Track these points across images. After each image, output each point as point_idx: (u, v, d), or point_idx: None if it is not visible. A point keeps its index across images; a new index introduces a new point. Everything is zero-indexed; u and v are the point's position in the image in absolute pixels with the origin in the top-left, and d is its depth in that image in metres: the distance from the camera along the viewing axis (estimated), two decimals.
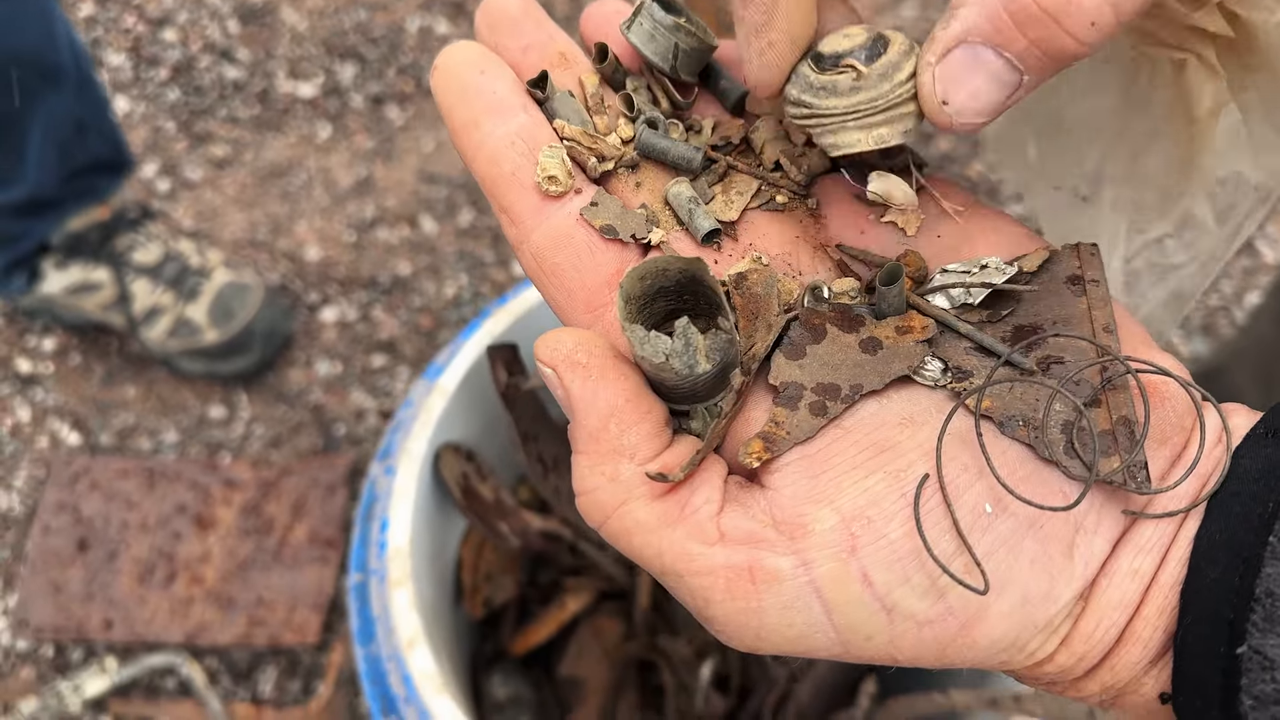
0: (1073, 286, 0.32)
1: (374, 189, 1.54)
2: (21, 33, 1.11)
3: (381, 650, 0.63)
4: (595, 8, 0.40)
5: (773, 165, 0.37)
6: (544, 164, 0.34)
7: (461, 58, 0.37)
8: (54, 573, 1.26)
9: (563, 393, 0.31)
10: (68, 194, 1.26)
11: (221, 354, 1.33)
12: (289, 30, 1.68)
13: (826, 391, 0.31)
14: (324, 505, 1.28)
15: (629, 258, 0.35)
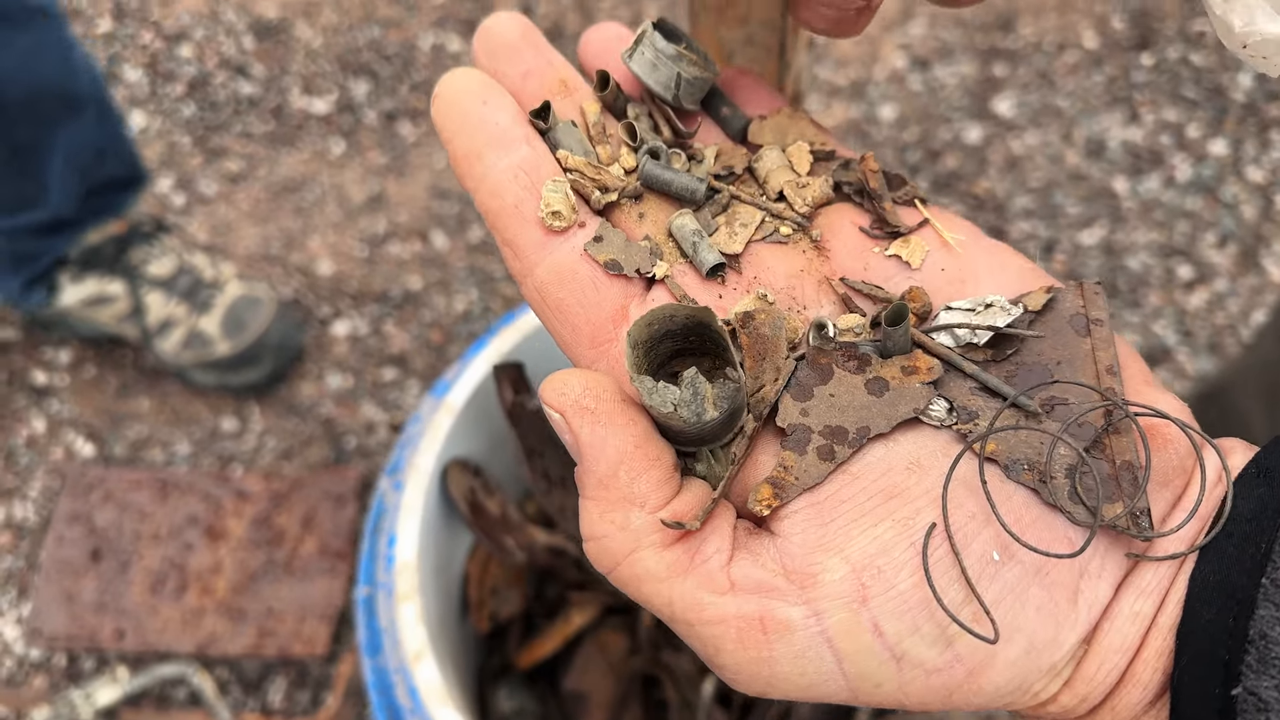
0: (1076, 326, 0.32)
1: (386, 204, 1.56)
2: (42, 66, 1.14)
3: (389, 662, 0.64)
4: (594, 33, 0.40)
5: (776, 195, 0.37)
6: (547, 198, 0.34)
7: (463, 86, 0.36)
8: (67, 582, 1.27)
9: (571, 438, 0.31)
10: (86, 213, 1.29)
11: (233, 366, 1.35)
12: (303, 47, 1.70)
13: (834, 435, 0.31)
14: (334, 517, 1.30)
15: (633, 292, 0.34)
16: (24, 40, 1.10)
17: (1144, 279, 1.50)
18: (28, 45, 1.11)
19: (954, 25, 1.72)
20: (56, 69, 1.15)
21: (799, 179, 0.37)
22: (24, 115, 1.15)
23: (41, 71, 1.14)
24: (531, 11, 1.74)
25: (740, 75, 0.41)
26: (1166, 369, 1.44)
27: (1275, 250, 1.53)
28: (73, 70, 1.17)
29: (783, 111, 0.39)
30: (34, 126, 1.17)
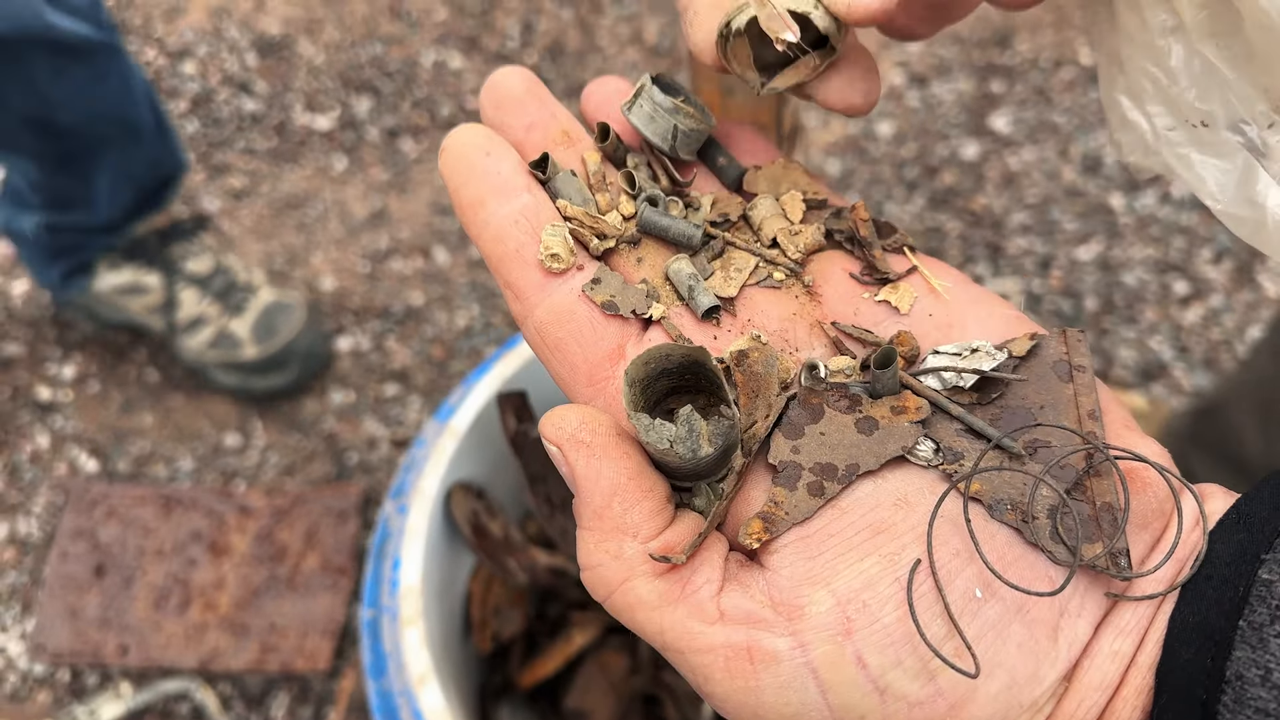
0: (1060, 372, 0.33)
1: (388, 220, 1.57)
2: (102, 96, 1.15)
3: (393, 685, 0.65)
4: (596, 86, 0.42)
5: (770, 242, 0.38)
6: (547, 242, 0.36)
7: (468, 140, 0.38)
8: (71, 598, 1.28)
9: (568, 470, 0.32)
10: (134, 214, 1.31)
11: (259, 370, 1.37)
12: (306, 64, 1.71)
13: (824, 471, 0.32)
14: (336, 533, 1.31)
15: (630, 333, 0.36)
16: (81, 73, 1.12)
17: (1140, 294, 1.51)
18: (86, 77, 1.12)
19: (951, 42, 1.73)
20: (115, 100, 1.17)
21: (792, 226, 0.38)
22: (76, 135, 1.17)
23: (100, 102, 1.16)
24: (533, 29, 1.75)
25: (736, 126, 0.43)
26: (1162, 384, 1.45)
27: (1270, 266, 1.54)
28: (133, 100, 1.19)
29: (777, 162, 0.40)
30: (87, 145, 1.19)
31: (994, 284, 1.51)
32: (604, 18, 1.77)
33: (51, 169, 1.21)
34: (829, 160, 1.62)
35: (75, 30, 1.08)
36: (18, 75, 1.09)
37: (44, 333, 1.48)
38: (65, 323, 1.49)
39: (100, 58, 1.13)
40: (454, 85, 1.70)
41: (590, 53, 1.73)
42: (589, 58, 1.73)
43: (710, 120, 0.40)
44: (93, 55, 1.12)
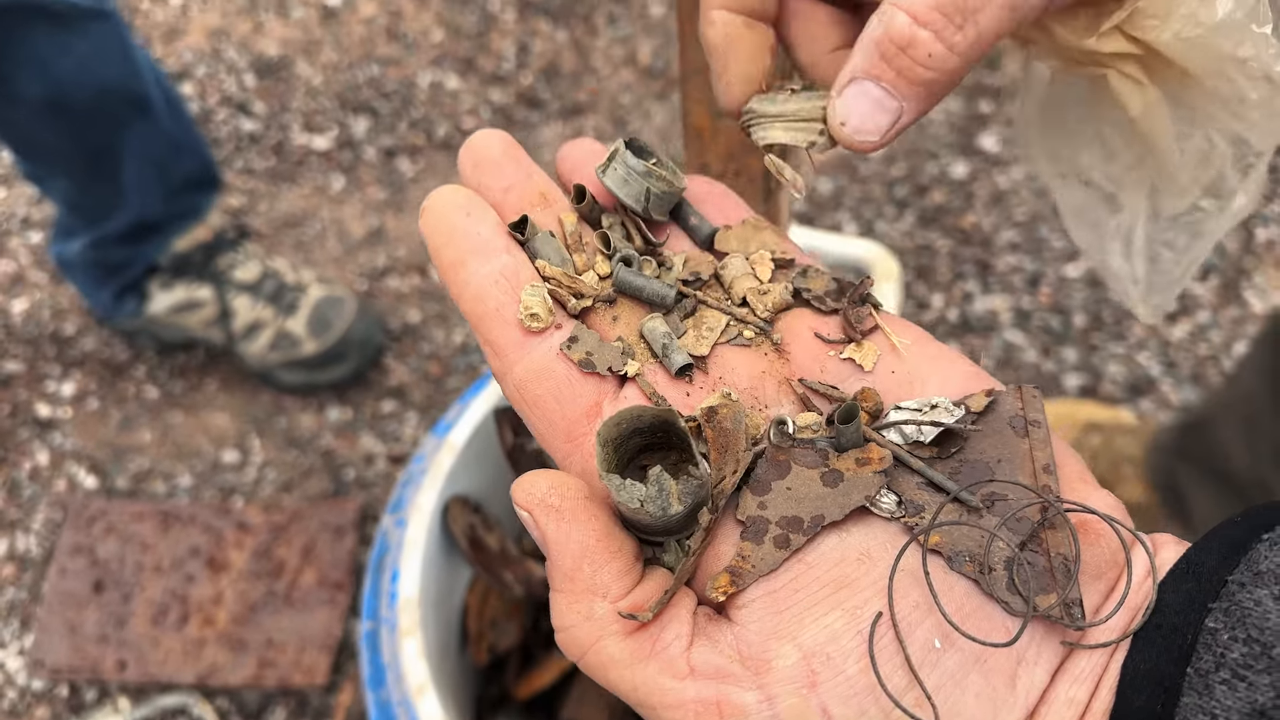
0: (1015, 427, 0.35)
1: (385, 239, 1.58)
2: (104, 68, 1.17)
3: (392, 696, 0.66)
4: (570, 149, 0.43)
5: (740, 300, 0.40)
6: (526, 302, 0.37)
7: (449, 200, 0.39)
8: (70, 614, 1.29)
9: (539, 534, 0.33)
10: (170, 215, 1.33)
11: (320, 364, 1.40)
12: (304, 84, 1.73)
13: (790, 524, 0.33)
14: (333, 549, 1.32)
15: (607, 390, 0.37)
16: (82, 45, 1.14)
17: (1128, 311, 1.53)
18: (87, 49, 1.15)
19: None
20: (119, 70, 1.18)
21: (761, 286, 0.40)
22: (94, 119, 1.19)
23: (105, 73, 1.17)
24: (528, 51, 1.77)
25: (707, 186, 0.44)
26: (1151, 399, 1.46)
27: (1256, 283, 1.56)
28: (136, 70, 1.21)
29: (746, 222, 0.42)
30: (105, 129, 1.21)
31: (984, 301, 1.54)
32: (598, 39, 1.79)
33: (81, 175, 1.23)
34: (820, 179, 1.64)
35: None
36: (22, 54, 1.11)
37: (43, 350, 1.50)
38: (65, 339, 1.50)
39: (97, 27, 1.15)
40: (450, 106, 1.72)
41: (585, 74, 1.76)
42: (584, 79, 1.75)
43: (681, 182, 0.42)
44: (90, 25, 1.14)
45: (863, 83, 0.36)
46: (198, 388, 1.46)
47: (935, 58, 0.35)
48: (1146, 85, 0.39)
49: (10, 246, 1.58)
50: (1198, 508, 1.24)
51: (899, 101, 0.36)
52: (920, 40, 0.34)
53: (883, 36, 0.35)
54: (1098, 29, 0.38)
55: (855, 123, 0.36)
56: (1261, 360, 1.15)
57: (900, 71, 0.35)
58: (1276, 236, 1.59)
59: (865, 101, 0.36)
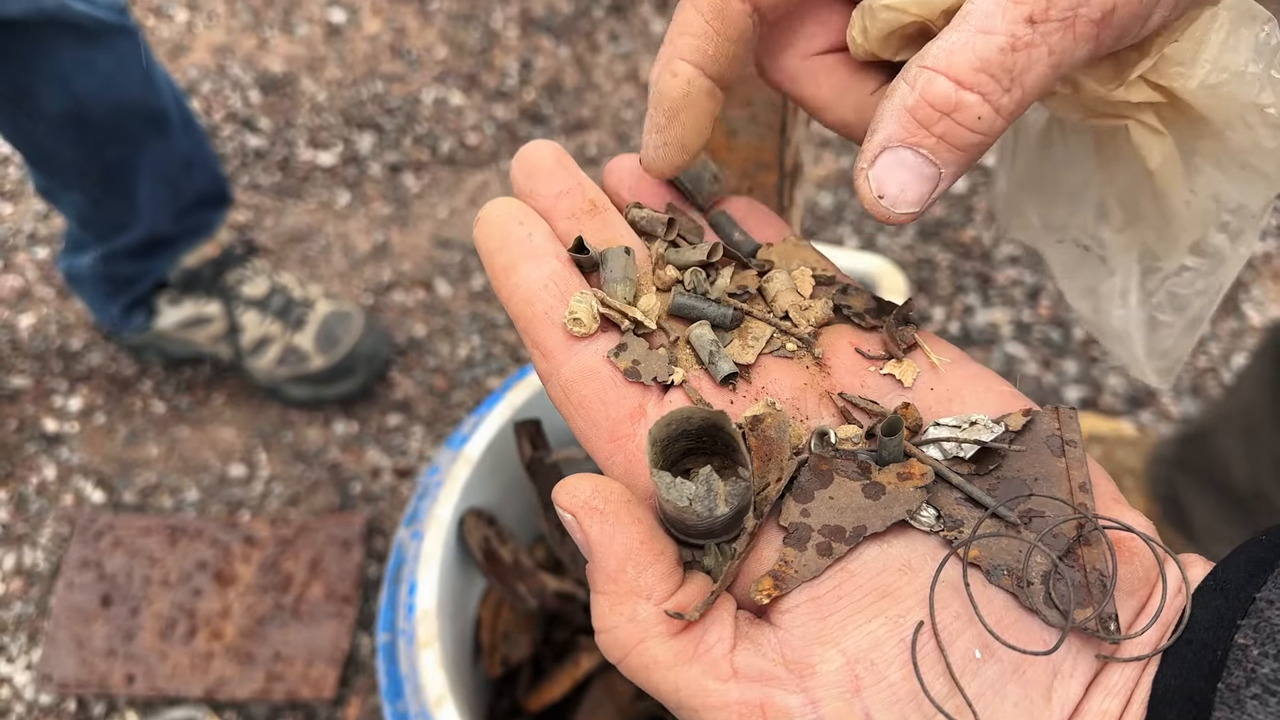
0: (1052, 447, 0.35)
1: (390, 254, 1.59)
2: (124, 84, 1.18)
3: (410, 708, 0.67)
4: (617, 163, 0.44)
5: (782, 315, 0.41)
6: (573, 308, 0.38)
7: (503, 210, 0.41)
8: (78, 628, 1.29)
9: (582, 536, 0.34)
10: (180, 231, 1.34)
11: (327, 379, 1.40)
12: (309, 100, 1.75)
13: (832, 533, 0.34)
14: (340, 562, 1.32)
15: (651, 394, 0.38)
16: (105, 60, 1.15)
17: None
18: (109, 65, 1.16)
19: None
20: (139, 86, 1.19)
21: (803, 301, 0.41)
22: (112, 134, 1.20)
23: (125, 89, 1.18)
24: (531, 67, 1.79)
25: (749, 205, 0.45)
26: (1150, 411, 1.48)
27: (1254, 295, 1.58)
28: (155, 86, 1.22)
29: (788, 240, 0.43)
30: (122, 145, 1.22)
31: (984, 314, 1.55)
32: (600, 56, 1.81)
33: (95, 190, 1.24)
34: (821, 194, 1.66)
35: (91, 13, 1.11)
36: (46, 67, 1.12)
37: (50, 365, 1.50)
38: (71, 354, 1.51)
39: (120, 42, 1.16)
40: (454, 122, 1.73)
41: (587, 90, 1.77)
42: (586, 95, 1.77)
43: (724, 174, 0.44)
44: (113, 40, 1.15)
45: (898, 151, 0.35)
46: (204, 402, 1.47)
47: (984, 120, 0.34)
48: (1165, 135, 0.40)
49: (17, 262, 1.59)
50: (1198, 519, 1.25)
51: (938, 168, 0.35)
52: (967, 104, 0.34)
53: (919, 102, 0.34)
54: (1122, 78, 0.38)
55: (893, 194, 0.36)
56: (1261, 373, 1.17)
57: (942, 136, 0.35)
58: (1274, 250, 1.61)
59: (902, 171, 0.35)
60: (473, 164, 1.69)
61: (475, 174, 1.68)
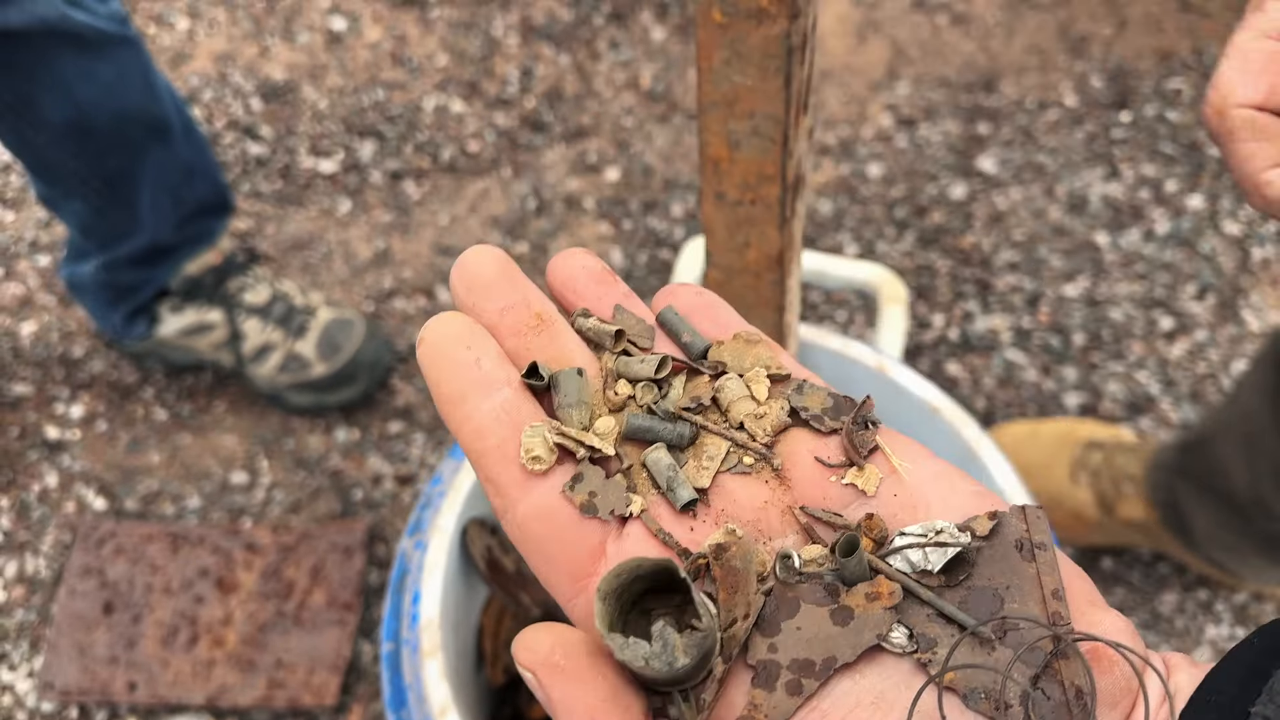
0: (1022, 551, 0.35)
1: (391, 261, 1.60)
2: (126, 93, 1.19)
3: (413, 717, 0.67)
4: (561, 263, 0.42)
5: (738, 424, 0.39)
6: (528, 445, 0.36)
7: (448, 331, 0.38)
8: (80, 635, 1.29)
9: (544, 695, 0.32)
10: (182, 239, 1.34)
11: (329, 386, 1.41)
12: (310, 108, 1.75)
13: (802, 668, 0.33)
14: (342, 569, 1.32)
15: (610, 528, 0.37)
16: (106, 70, 1.15)
17: (1127, 330, 1.55)
18: (110, 74, 1.16)
19: (939, 86, 1.79)
20: (141, 95, 1.20)
21: (758, 409, 0.39)
22: (114, 143, 1.21)
23: (126, 99, 1.19)
24: (531, 75, 1.80)
25: (697, 297, 0.43)
26: (1150, 417, 1.48)
27: (1253, 301, 1.58)
28: (157, 95, 1.22)
29: (739, 335, 0.41)
30: (124, 154, 1.22)
31: (984, 320, 1.55)
32: (601, 63, 1.82)
33: (97, 199, 1.25)
34: (821, 200, 1.66)
35: (92, 24, 1.12)
36: (48, 77, 1.12)
37: (52, 373, 1.51)
38: (73, 361, 1.51)
39: (121, 52, 1.17)
40: (455, 129, 1.74)
41: (588, 97, 1.78)
42: (586, 102, 1.77)
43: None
44: (114, 50, 1.16)
45: None
46: (206, 410, 1.47)
47: None
48: None
49: (19, 269, 1.59)
50: (1198, 525, 1.26)
51: None
52: None
53: None
54: None
55: None
56: (1262, 379, 1.17)
57: None
58: (1272, 256, 1.62)
59: None
60: (474, 171, 1.70)
61: (476, 181, 1.69)
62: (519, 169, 1.70)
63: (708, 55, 0.56)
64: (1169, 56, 1.82)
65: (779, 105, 0.59)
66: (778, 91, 0.57)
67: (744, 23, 0.53)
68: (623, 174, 1.70)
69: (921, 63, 1.82)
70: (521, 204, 1.66)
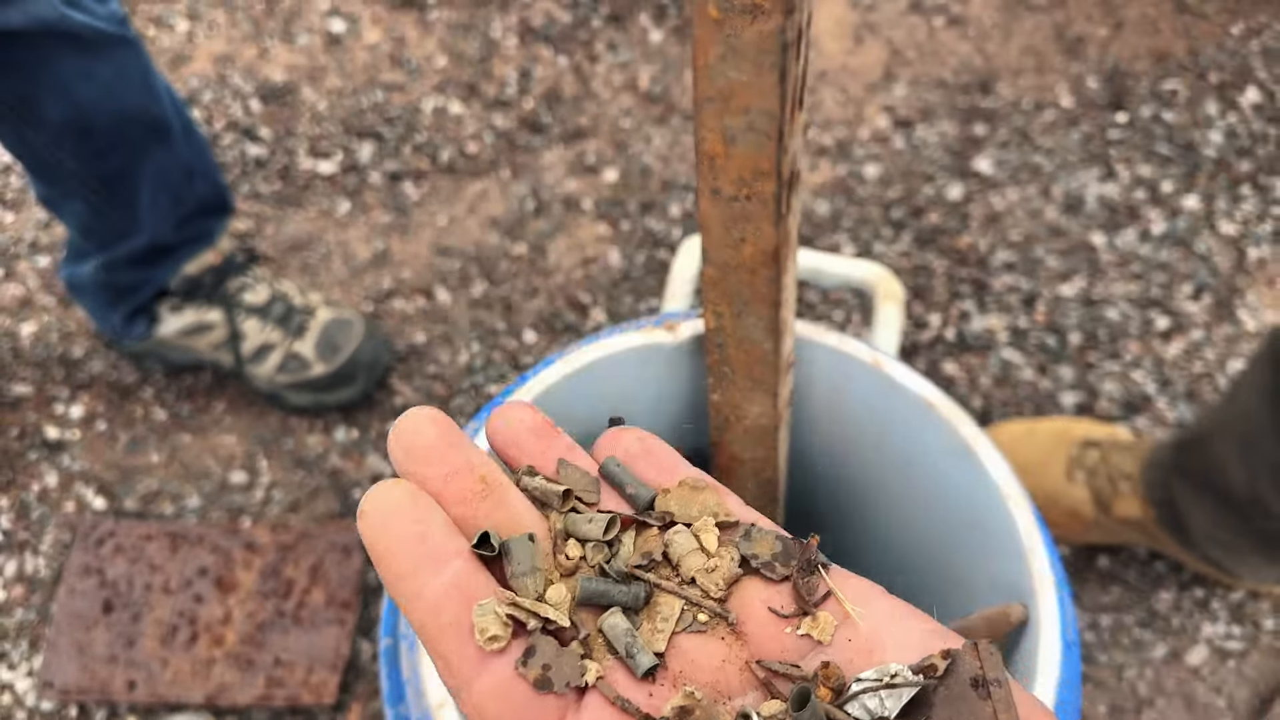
0: (978, 689, 0.34)
1: (390, 261, 1.60)
2: (125, 93, 1.19)
3: (411, 712, 0.68)
4: (502, 417, 0.41)
5: (689, 579, 0.39)
6: (480, 624, 0.35)
7: (391, 503, 0.36)
8: (79, 634, 1.30)
9: None
10: (182, 239, 1.35)
11: (328, 385, 1.42)
12: (309, 110, 1.76)
13: None
14: (340, 568, 1.33)
15: (568, 702, 0.36)
16: (105, 70, 1.16)
17: (1123, 329, 1.56)
18: (109, 75, 1.17)
19: (935, 87, 1.79)
20: (140, 96, 1.20)
21: (709, 561, 0.39)
22: (113, 144, 1.21)
23: (126, 99, 1.19)
24: (530, 76, 1.80)
25: (639, 443, 0.43)
26: (1146, 416, 1.49)
27: (1249, 301, 1.59)
28: (156, 96, 1.23)
29: (684, 482, 0.41)
30: (124, 154, 1.23)
31: (980, 320, 1.56)
32: (599, 65, 1.82)
33: (97, 199, 1.25)
34: (818, 201, 1.67)
35: (90, 24, 1.13)
36: (47, 78, 1.13)
37: (52, 373, 1.51)
38: (73, 362, 1.52)
39: (120, 53, 1.17)
40: (454, 130, 1.74)
41: (586, 99, 1.78)
42: (585, 104, 1.78)
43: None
44: (113, 51, 1.16)
45: None
46: (205, 410, 1.48)
47: None
48: None
49: (19, 270, 1.60)
50: (1195, 524, 1.26)
51: None
52: None
53: None
54: None
55: None
56: (1259, 379, 1.17)
57: None
58: (1268, 255, 1.62)
59: None
60: (472, 172, 1.70)
61: (475, 182, 1.69)
62: (517, 170, 1.71)
63: (703, 51, 0.57)
64: (1165, 58, 1.83)
65: (774, 101, 0.59)
66: (773, 87, 0.58)
67: (739, 18, 0.54)
68: (621, 175, 1.70)
69: (918, 64, 1.83)
70: (520, 205, 1.67)
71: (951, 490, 0.79)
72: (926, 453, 0.79)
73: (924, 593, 0.85)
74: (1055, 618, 0.70)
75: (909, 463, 0.82)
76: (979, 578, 0.79)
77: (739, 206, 0.67)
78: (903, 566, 0.89)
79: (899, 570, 0.90)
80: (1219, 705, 1.32)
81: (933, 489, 0.81)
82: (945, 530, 0.82)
